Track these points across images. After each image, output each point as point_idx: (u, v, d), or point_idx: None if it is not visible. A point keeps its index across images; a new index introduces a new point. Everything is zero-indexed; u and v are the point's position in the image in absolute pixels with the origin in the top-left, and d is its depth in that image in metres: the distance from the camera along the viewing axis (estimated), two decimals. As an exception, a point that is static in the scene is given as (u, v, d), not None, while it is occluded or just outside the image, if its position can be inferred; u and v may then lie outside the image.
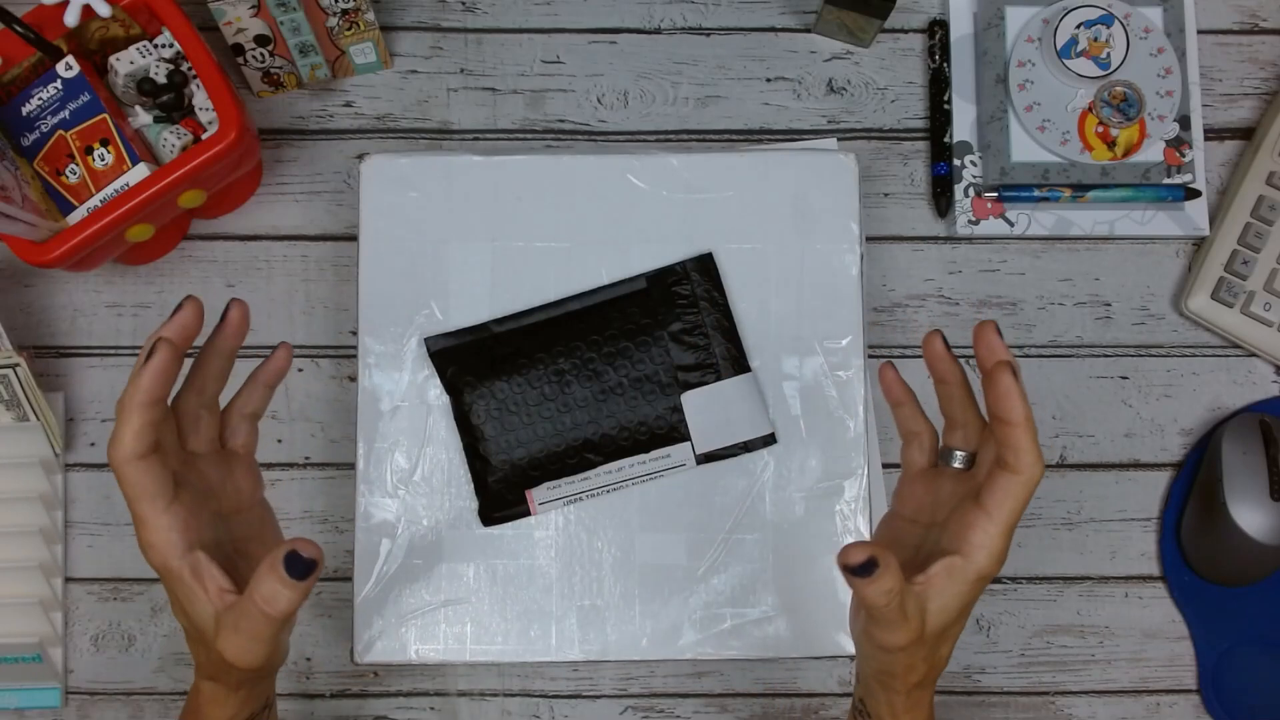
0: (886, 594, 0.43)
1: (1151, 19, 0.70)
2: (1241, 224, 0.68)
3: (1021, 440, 0.44)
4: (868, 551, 0.42)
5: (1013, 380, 0.44)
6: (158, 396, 0.43)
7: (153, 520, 0.44)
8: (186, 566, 0.45)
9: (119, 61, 0.61)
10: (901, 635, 0.45)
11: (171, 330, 0.44)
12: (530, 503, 0.64)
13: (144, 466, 0.43)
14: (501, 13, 0.72)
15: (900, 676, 0.47)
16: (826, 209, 0.66)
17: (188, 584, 0.45)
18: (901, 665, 0.47)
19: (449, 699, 0.66)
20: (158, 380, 0.43)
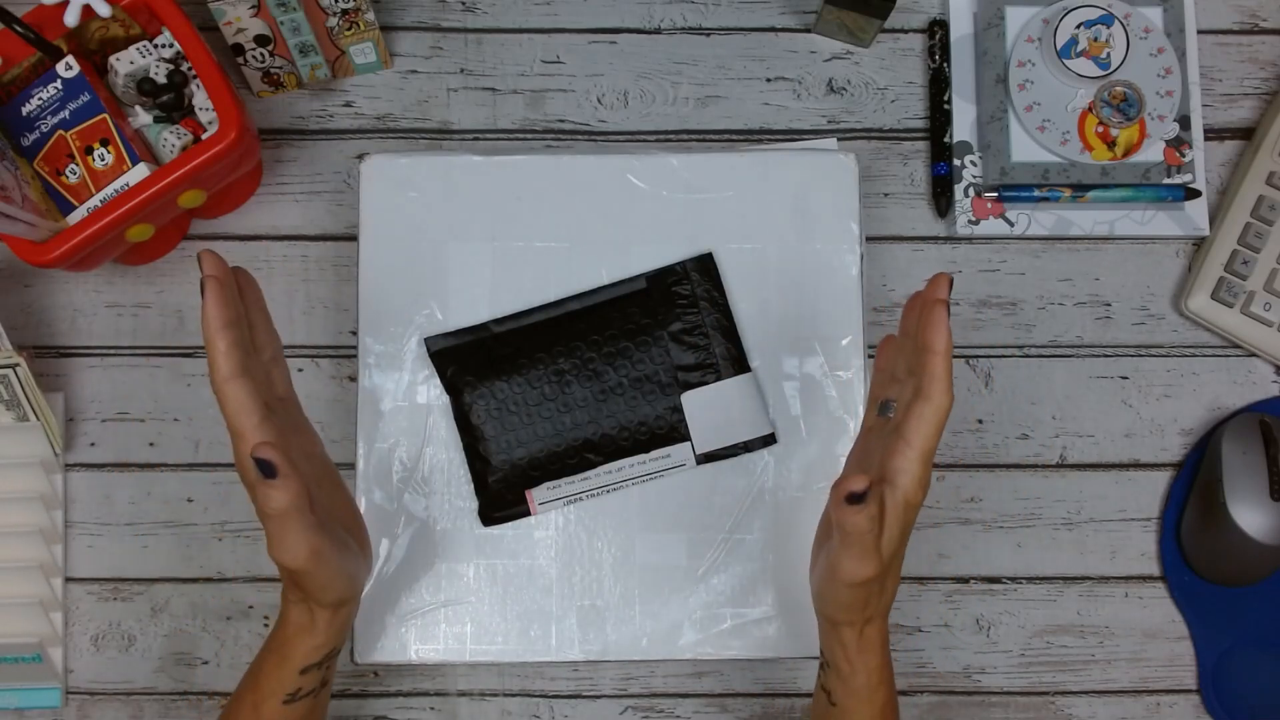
0: (870, 519, 0.47)
1: (1151, 19, 0.70)
2: (1241, 224, 0.68)
3: (938, 368, 0.47)
4: (867, 480, 0.45)
5: (944, 314, 0.48)
6: (229, 318, 0.48)
7: (250, 434, 0.48)
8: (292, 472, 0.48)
9: (119, 61, 0.61)
10: (872, 565, 0.48)
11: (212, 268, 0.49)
12: (530, 503, 0.64)
13: (240, 384, 0.48)
14: (501, 13, 0.72)
15: (858, 609, 0.50)
16: (826, 209, 0.66)
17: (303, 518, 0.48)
18: (859, 599, 0.50)
19: (449, 699, 0.66)
20: (220, 303, 0.48)
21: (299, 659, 0.53)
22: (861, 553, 0.48)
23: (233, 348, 0.48)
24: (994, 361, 0.69)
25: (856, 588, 0.49)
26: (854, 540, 0.47)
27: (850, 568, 0.48)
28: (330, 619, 0.53)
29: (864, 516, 0.46)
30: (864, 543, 0.47)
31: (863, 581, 0.48)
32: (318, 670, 0.54)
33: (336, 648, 0.55)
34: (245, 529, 0.67)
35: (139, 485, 0.67)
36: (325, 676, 0.55)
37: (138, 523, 0.67)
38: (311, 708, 0.55)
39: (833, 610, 0.51)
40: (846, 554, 0.48)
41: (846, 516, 0.47)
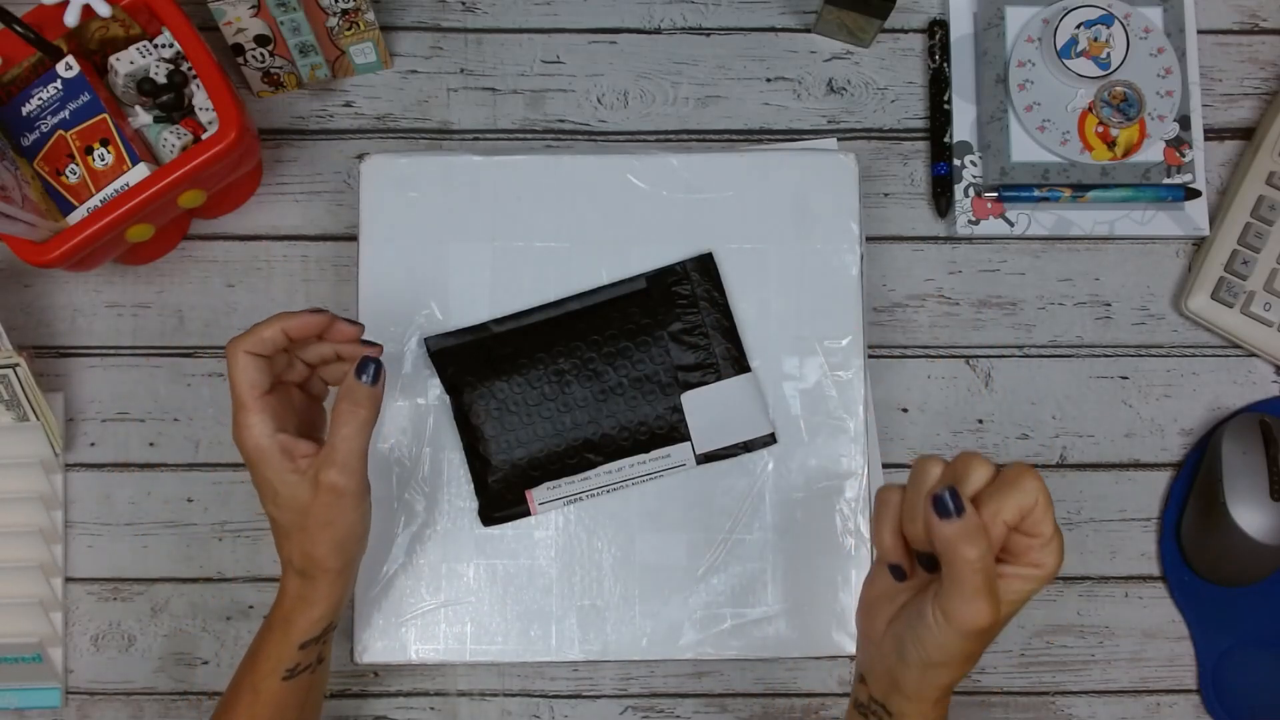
0: (979, 545, 0.42)
1: (1151, 19, 0.70)
2: (1241, 224, 0.68)
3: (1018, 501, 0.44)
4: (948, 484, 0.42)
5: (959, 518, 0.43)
6: (299, 334, 0.54)
7: (251, 404, 0.53)
8: (277, 444, 0.53)
9: (119, 61, 0.61)
10: (985, 612, 0.43)
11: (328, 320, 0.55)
12: (530, 503, 0.64)
13: (256, 361, 0.53)
14: (501, 13, 0.72)
15: (957, 669, 0.46)
16: (826, 209, 0.66)
17: (278, 462, 0.52)
18: (965, 657, 0.45)
19: (449, 699, 0.66)
20: (307, 326, 0.54)
21: (298, 633, 0.55)
22: (973, 592, 0.42)
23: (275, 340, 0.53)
24: (994, 361, 0.69)
25: (970, 637, 0.44)
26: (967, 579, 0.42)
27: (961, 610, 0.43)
28: (330, 586, 0.55)
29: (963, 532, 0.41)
30: (972, 582, 0.42)
31: (981, 629, 0.43)
32: (315, 645, 0.55)
33: (333, 622, 0.56)
34: (245, 529, 0.67)
35: (139, 485, 0.67)
36: (322, 653, 0.57)
37: (138, 523, 0.67)
38: (310, 684, 0.56)
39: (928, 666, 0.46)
40: (956, 593, 0.43)
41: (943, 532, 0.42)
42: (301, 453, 0.53)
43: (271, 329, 0.54)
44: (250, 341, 0.53)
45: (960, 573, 0.43)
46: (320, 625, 0.55)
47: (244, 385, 0.53)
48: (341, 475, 0.52)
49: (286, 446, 0.53)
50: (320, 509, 0.53)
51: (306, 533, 0.53)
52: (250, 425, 0.53)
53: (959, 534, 0.42)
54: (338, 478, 0.52)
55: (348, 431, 0.53)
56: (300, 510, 0.53)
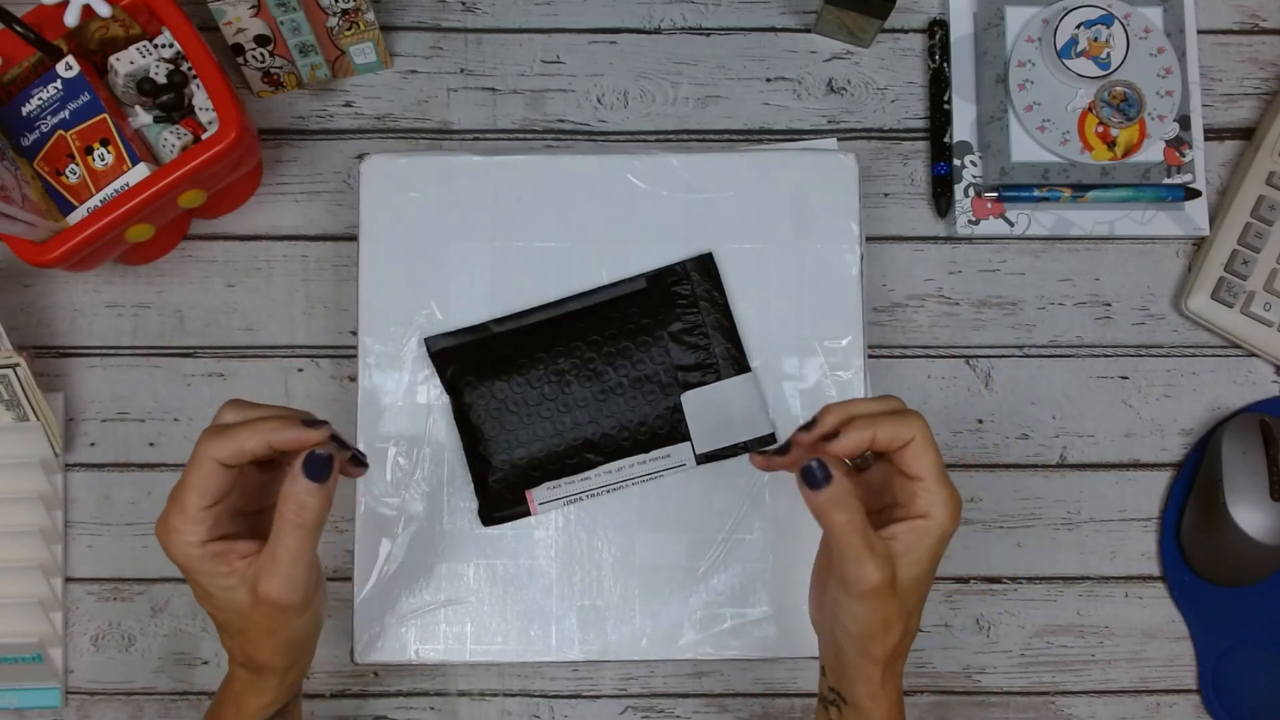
0: (847, 509, 0.45)
1: (1151, 19, 0.70)
2: (1241, 224, 0.68)
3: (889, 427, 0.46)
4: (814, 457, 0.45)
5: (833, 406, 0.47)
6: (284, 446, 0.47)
7: (191, 510, 0.47)
8: (208, 554, 0.47)
9: (119, 61, 0.61)
10: (872, 571, 0.45)
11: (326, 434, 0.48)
12: (530, 503, 0.64)
13: (222, 472, 0.47)
14: (501, 13, 0.72)
15: (878, 638, 0.47)
16: (826, 209, 0.66)
17: (209, 567, 0.47)
18: (878, 623, 0.47)
19: (449, 699, 0.66)
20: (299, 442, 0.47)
21: (251, 714, 0.51)
22: (855, 555, 0.45)
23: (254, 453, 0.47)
24: (994, 361, 0.69)
25: (869, 599, 0.46)
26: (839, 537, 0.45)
27: (852, 572, 0.45)
28: (280, 679, 0.51)
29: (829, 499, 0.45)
30: (850, 544, 0.45)
31: (874, 587, 0.46)
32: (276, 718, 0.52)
33: (289, 701, 0.53)
34: (245, 529, 0.67)
35: (139, 485, 0.67)
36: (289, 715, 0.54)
37: (138, 523, 0.67)
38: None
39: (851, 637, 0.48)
40: (842, 560, 0.46)
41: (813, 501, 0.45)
42: (239, 554, 0.48)
43: (256, 439, 0.47)
44: (227, 451, 0.47)
45: (838, 538, 0.46)
46: (273, 708, 0.52)
47: (194, 493, 0.47)
48: (284, 588, 0.47)
49: (220, 551, 0.47)
50: (261, 619, 0.48)
51: (247, 635, 0.49)
52: (179, 530, 0.47)
53: (828, 501, 0.45)
54: (279, 591, 0.47)
55: (291, 541, 0.47)
56: (239, 614, 0.48)
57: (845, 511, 0.45)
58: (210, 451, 0.47)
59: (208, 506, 0.47)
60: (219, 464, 0.47)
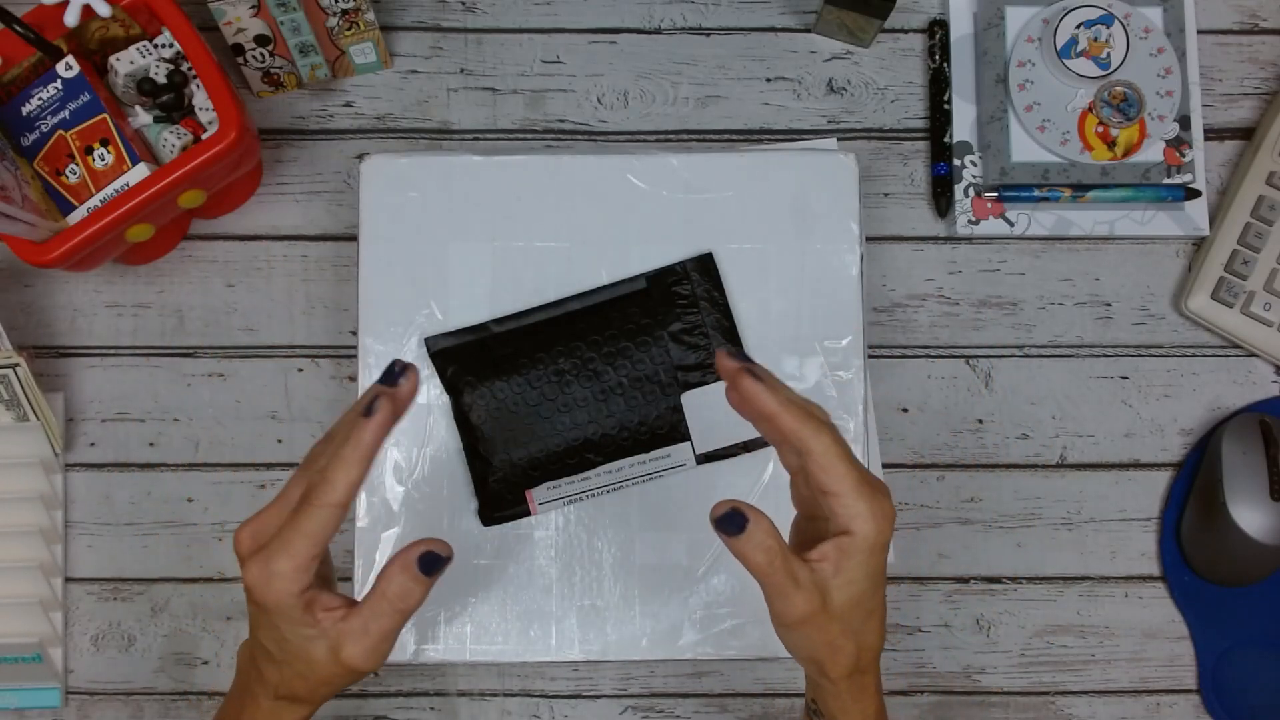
0: (765, 550, 0.44)
1: (1151, 19, 0.70)
2: (1241, 224, 0.68)
3: (789, 427, 0.45)
4: (730, 504, 0.44)
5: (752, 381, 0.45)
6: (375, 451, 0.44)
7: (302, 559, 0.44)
8: (301, 603, 0.45)
9: (119, 61, 0.61)
10: (798, 603, 0.44)
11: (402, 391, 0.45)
12: (530, 503, 0.64)
13: (338, 516, 0.44)
14: (501, 13, 0.72)
15: (828, 661, 0.47)
16: (826, 209, 0.66)
17: (299, 618, 0.45)
18: (823, 647, 0.46)
19: (449, 699, 0.66)
20: (379, 435, 0.44)
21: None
22: (777, 590, 0.44)
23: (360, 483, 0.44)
24: (994, 361, 0.69)
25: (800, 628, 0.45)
26: (763, 578, 0.44)
27: (779, 608, 0.45)
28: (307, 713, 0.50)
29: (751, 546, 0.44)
30: (775, 579, 0.44)
31: (801, 619, 0.45)
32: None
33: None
34: (245, 529, 0.67)
35: (139, 485, 0.68)
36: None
37: (138, 523, 0.67)
38: None
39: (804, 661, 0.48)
40: (769, 594, 0.45)
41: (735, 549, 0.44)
42: (324, 606, 0.46)
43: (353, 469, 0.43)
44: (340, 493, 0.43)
45: (760, 578, 0.45)
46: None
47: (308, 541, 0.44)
48: (368, 660, 0.46)
49: (310, 600, 0.45)
50: (330, 674, 0.47)
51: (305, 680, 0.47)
52: (283, 576, 0.44)
53: (745, 546, 0.44)
54: (363, 662, 0.46)
55: (388, 623, 0.46)
56: (308, 663, 0.46)
57: (764, 553, 0.44)
58: (328, 497, 0.43)
59: (317, 555, 0.44)
60: (337, 508, 0.44)
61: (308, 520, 0.44)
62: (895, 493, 0.68)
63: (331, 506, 0.43)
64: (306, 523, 0.44)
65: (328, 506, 0.43)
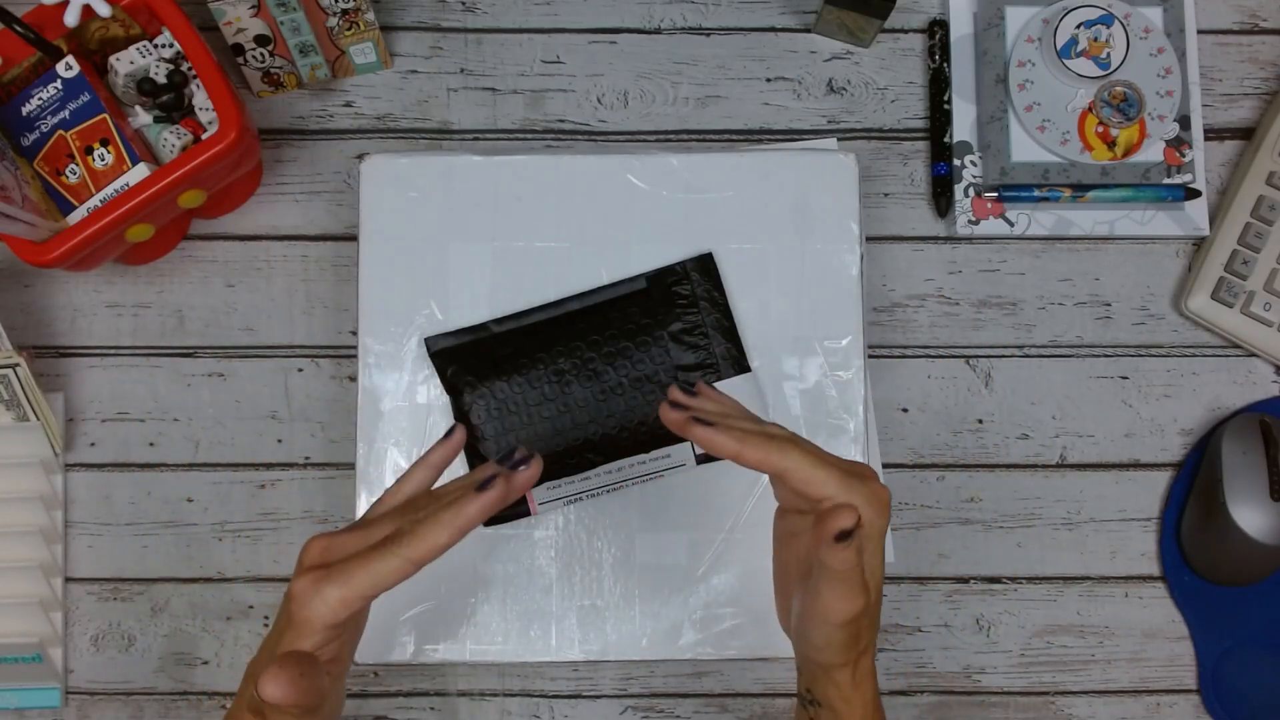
0: (857, 551, 0.44)
1: (1151, 19, 0.70)
2: (1241, 224, 0.68)
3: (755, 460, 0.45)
4: (855, 514, 0.43)
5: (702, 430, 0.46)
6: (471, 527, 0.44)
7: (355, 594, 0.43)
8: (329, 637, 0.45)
9: (119, 61, 0.61)
10: (860, 599, 0.46)
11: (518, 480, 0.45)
12: (530, 503, 0.64)
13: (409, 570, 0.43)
14: (501, 13, 0.72)
15: (851, 647, 0.48)
16: (826, 209, 0.66)
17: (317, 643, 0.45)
18: (852, 635, 0.47)
19: (449, 699, 0.66)
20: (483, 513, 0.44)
21: None
22: (850, 589, 0.45)
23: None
24: (994, 361, 0.69)
25: (849, 625, 0.46)
26: (842, 577, 0.45)
27: (842, 607, 0.46)
28: None
29: (853, 550, 0.44)
30: (852, 578, 0.45)
31: (855, 618, 0.46)
32: None
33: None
34: (245, 529, 0.67)
35: (139, 485, 0.68)
36: None
37: (138, 523, 0.67)
38: None
39: (828, 655, 0.48)
40: (835, 593, 0.45)
41: (837, 555, 0.44)
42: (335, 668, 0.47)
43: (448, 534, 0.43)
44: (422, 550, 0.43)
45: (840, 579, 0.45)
46: None
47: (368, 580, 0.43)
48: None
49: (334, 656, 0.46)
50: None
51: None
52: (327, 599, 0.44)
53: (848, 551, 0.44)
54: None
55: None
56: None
57: (855, 554, 0.44)
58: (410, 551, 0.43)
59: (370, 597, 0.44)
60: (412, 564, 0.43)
61: (380, 562, 0.43)
62: (895, 493, 0.68)
63: (408, 561, 0.43)
64: (378, 563, 0.43)
65: (404, 559, 0.43)
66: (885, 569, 0.49)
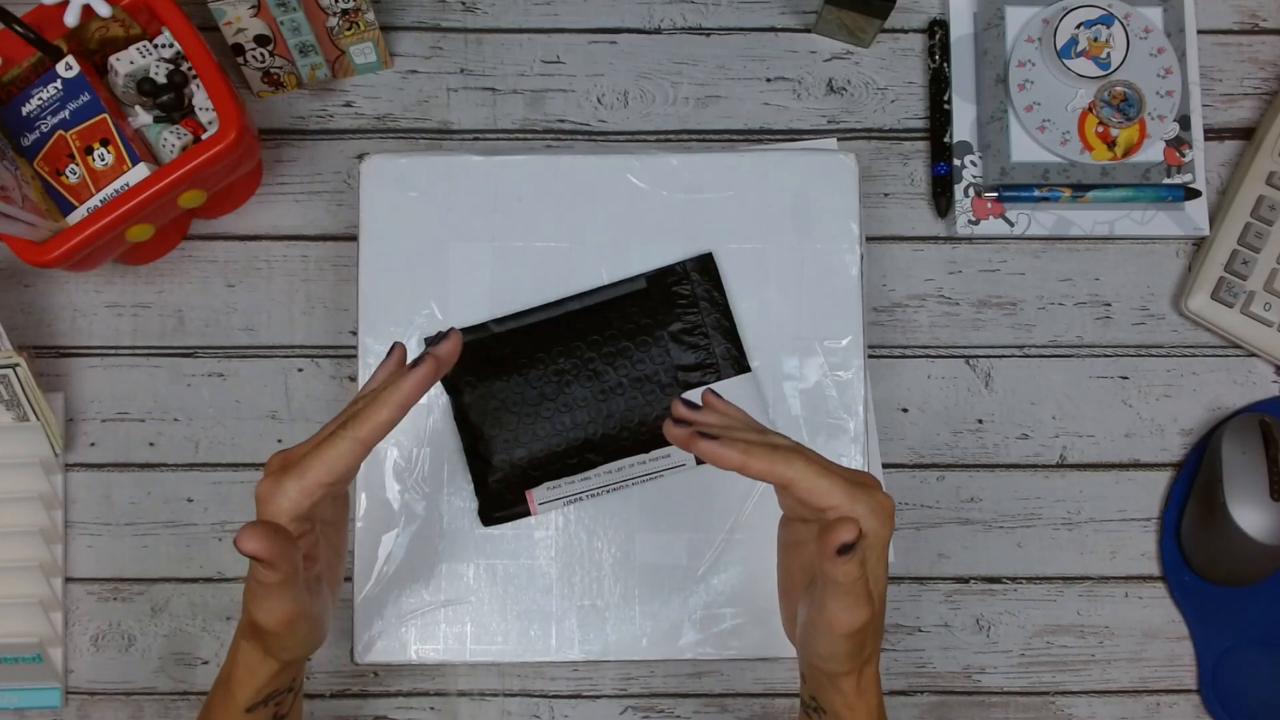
0: (860, 564, 0.45)
1: (1151, 19, 0.70)
2: (1241, 224, 0.68)
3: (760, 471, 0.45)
4: (857, 528, 0.43)
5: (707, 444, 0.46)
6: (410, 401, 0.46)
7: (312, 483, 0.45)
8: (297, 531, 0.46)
9: (119, 61, 0.61)
10: (865, 610, 0.46)
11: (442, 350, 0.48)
12: (530, 503, 0.64)
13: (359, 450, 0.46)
14: (501, 13, 0.72)
15: (855, 656, 0.48)
16: (826, 209, 0.66)
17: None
18: (857, 645, 0.48)
19: (449, 699, 0.66)
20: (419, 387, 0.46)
21: (243, 698, 0.51)
22: (855, 601, 0.46)
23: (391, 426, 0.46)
24: (994, 361, 0.69)
25: (854, 635, 0.47)
26: (847, 589, 0.45)
27: (847, 618, 0.46)
28: (278, 671, 0.51)
29: (856, 563, 0.44)
30: (857, 590, 0.45)
31: (860, 628, 0.46)
32: (264, 708, 0.51)
33: (281, 689, 0.52)
34: (245, 529, 0.67)
35: (139, 485, 0.68)
36: (277, 711, 0.53)
37: (138, 523, 0.67)
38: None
39: (833, 664, 0.49)
40: (840, 604, 0.46)
41: (840, 568, 0.44)
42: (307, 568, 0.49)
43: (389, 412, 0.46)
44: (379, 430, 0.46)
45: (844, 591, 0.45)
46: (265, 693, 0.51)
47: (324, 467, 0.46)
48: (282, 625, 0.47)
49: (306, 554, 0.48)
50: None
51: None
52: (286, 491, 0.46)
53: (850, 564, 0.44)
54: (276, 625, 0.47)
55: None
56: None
57: (858, 567, 0.45)
58: (353, 430, 0.46)
59: (328, 484, 0.46)
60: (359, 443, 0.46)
61: (328, 447, 0.46)
62: (895, 493, 0.68)
63: (354, 440, 0.45)
64: (326, 449, 0.46)
65: (352, 439, 0.45)
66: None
